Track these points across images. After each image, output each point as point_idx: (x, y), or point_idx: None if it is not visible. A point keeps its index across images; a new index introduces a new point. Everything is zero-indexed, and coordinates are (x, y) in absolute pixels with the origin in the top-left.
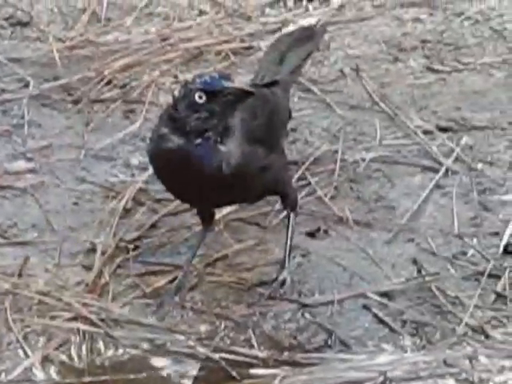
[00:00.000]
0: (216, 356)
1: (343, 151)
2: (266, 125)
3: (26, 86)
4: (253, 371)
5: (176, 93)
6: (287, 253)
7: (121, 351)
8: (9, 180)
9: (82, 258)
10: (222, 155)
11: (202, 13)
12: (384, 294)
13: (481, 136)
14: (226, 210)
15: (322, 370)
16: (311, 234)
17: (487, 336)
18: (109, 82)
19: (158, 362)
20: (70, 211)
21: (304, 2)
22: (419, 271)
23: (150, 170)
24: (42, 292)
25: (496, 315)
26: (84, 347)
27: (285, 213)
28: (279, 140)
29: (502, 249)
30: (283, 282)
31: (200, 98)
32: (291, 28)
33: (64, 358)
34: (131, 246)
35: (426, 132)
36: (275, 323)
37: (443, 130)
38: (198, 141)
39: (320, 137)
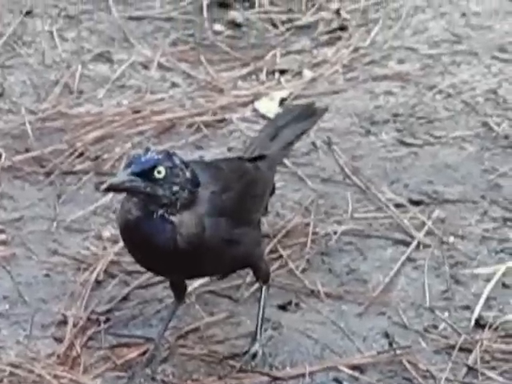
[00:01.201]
0: None
1: (315, 224)
2: (237, 198)
3: None
4: None
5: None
6: (259, 325)
7: None
8: None
9: (54, 329)
10: (174, 226)
11: (174, 85)
12: (355, 367)
13: (453, 209)
14: (198, 282)
15: None
16: (283, 307)
17: None
18: (81, 154)
19: None
20: (41, 283)
21: (276, 75)
22: (390, 344)
23: (122, 243)
24: (14, 364)
25: None
26: None
27: (257, 285)
28: (253, 214)
29: (473, 322)
30: (255, 355)
31: (159, 173)
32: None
33: None
34: (103, 318)
35: (397, 205)
36: None
37: (415, 203)
38: (155, 213)
39: (292, 209)
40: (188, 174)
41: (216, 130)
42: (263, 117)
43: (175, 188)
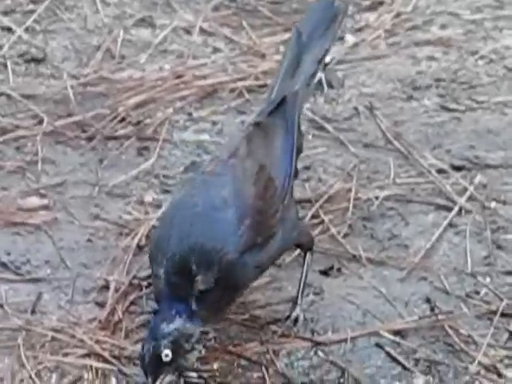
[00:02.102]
0: None
1: (357, 189)
2: (257, 221)
3: (40, 122)
4: None
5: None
6: (301, 290)
7: None
8: (22, 217)
9: (96, 294)
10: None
11: (216, 50)
12: (397, 333)
13: (494, 175)
14: None
15: None
16: (324, 272)
17: (500, 375)
18: (123, 119)
19: None
20: (83, 248)
21: None
22: (432, 310)
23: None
24: (55, 329)
25: (509, 354)
26: None
27: (298, 250)
28: (275, 218)
29: None
30: (296, 320)
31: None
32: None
33: None
34: (144, 284)
35: (439, 171)
36: (288, 361)
37: (457, 168)
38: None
39: (334, 175)
40: (191, 332)
41: (258, 95)
42: None
43: (188, 351)
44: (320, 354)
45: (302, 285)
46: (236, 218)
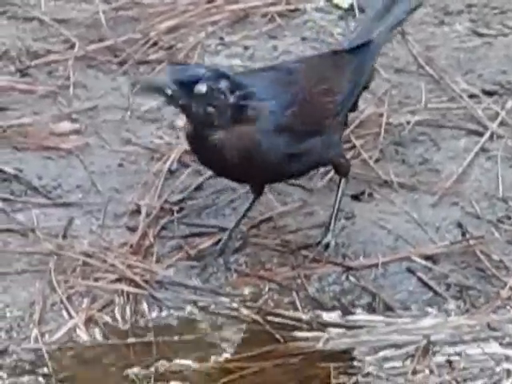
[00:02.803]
0: (260, 318)
1: (388, 114)
2: (304, 112)
3: (72, 47)
4: (297, 333)
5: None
6: (334, 216)
7: (165, 313)
8: (54, 141)
9: (127, 219)
10: (217, 144)
11: None
12: (428, 258)
13: None
14: None
15: (366, 332)
16: (356, 197)
17: None
18: (154, 44)
19: (201, 323)
20: (114, 172)
21: None
22: (463, 235)
23: None
24: (87, 253)
25: None
26: (128, 309)
27: (330, 175)
28: (327, 120)
29: None
30: (327, 245)
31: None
32: None
33: (108, 319)
34: (176, 208)
35: (471, 95)
36: (319, 286)
37: (488, 93)
38: (199, 130)
39: (365, 100)
40: (232, 100)
41: (290, 20)
42: (336, 6)
43: (210, 109)
44: (351, 278)
45: (335, 211)
46: (290, 99)
